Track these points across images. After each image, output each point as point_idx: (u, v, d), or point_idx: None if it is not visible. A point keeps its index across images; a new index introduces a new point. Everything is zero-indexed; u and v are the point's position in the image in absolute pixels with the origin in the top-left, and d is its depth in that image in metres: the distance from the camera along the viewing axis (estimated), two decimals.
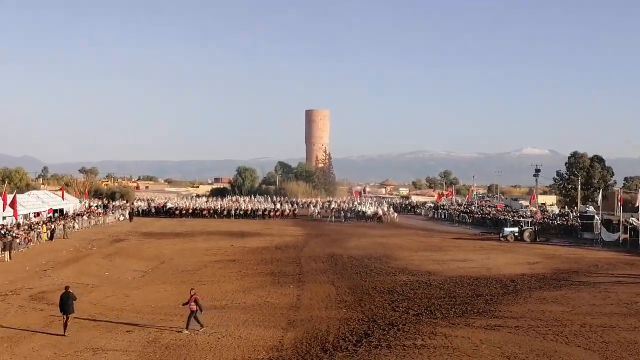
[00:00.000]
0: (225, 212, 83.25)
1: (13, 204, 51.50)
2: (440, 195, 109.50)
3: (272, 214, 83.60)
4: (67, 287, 21.75)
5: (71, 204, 75.39)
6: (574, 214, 75.46)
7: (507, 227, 59.03)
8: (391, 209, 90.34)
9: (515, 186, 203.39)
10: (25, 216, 57.88)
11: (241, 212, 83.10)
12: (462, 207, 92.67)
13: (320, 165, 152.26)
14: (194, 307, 21.19)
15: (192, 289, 22.54)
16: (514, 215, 73.66)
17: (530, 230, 56.09)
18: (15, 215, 52.36)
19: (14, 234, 43.91)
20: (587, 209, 75.81)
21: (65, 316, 20.67)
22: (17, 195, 55.96)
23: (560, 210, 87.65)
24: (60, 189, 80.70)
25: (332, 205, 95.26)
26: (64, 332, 20.41)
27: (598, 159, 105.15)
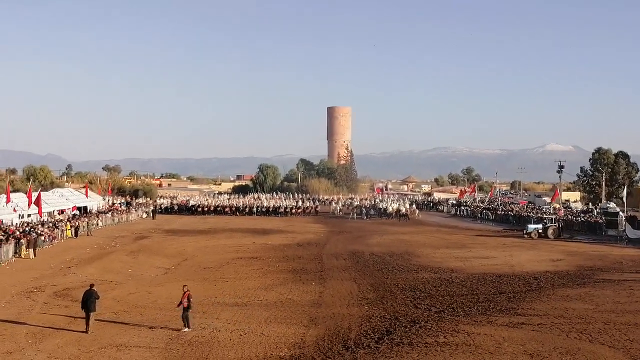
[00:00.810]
0: (247, 210, 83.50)
1: (38, 202, 52.07)
2: (462, 192, 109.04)
3: (294, 211, 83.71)
4: (91, 285, 21.92)
5: (95, 201, 76.04)
6: (597, 210, 74.88)
7: (530, 223, 58.64)
8: (414, 205, 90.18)
9: (538, 183, 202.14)
10: (50, 214, 58.44)
11: (263, 210, 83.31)
12: (484, 204, 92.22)
13: (342, 162, 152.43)
14: (187, 304, 21.04)
15: (184, 285, 22.47)
16: (537, 212, 73.19)
17: (554, 227, 55.69)
18: (39, 213, 52.93)
19: (39, 232, 44.34)
20: (608, 205, 75.02)
21: (87, 314, 20.79)
22: (42, 193, 56.59)
23: (584, 207, 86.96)
24: (84, 187, 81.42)
25: (354, 202, 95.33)
26: (87, 329, 20.56)
27: (623, 155, 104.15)
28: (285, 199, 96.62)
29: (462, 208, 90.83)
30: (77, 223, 53.55)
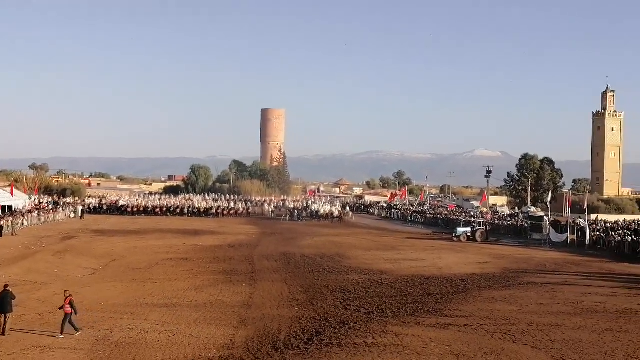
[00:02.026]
0: (178, 210, 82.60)
1: None
2: (393, 195, 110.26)
3: (226, 212, 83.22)
4: (5, 285, 21.23)
5: (20, 200, 73.96)
6: (520, 214, 76.92)
7: (459, 227, 59.73)
8: (347, 208, 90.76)
9: (467, 187, 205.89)
10: None
11: (195, 211, 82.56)
12: (414, 207, 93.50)
13: (275, 164, 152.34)
14: (69, 310, 20.41)
15: (66, 290, 21.74)
16: (466, 216, 74.63)
17: (482, 230, 56.87)
18: None
19: None
20: (529, 209, 77.16)
21: (4, 316, 20.17)
22: None
23: (510, 211, 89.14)
24: (9, 185, 79.15)
25: (287, 204, 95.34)
26: (3, 332, 19.92)
27: (548, 161, 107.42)
28: (217, 200, 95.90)
29: (393, 211, 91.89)
30: (1, 222, 52.01)
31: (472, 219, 68.22)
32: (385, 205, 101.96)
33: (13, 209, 66.94)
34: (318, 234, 59.77)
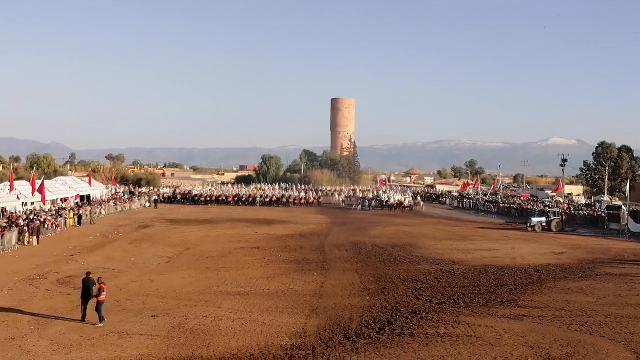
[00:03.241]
0: (250, 200, 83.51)
1: (41, 190, 52.23)
2: (465, 184, 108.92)
3: (296, 201, 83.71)
4: (87, 273, 21.92)
5: (98, 190, 76.13)
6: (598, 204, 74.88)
7: (533, 216, 58.59)
8: (418, 197, 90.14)
9: (541, 176, 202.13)
10: (53, 202, 58.50)
11: (266, 200, 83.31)
12: (487, 197, 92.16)
13: (345, 153, 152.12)
14: (103, 297, 20.66)
15: (99, 277, 21.85)
16: (540, 205, 73.14)
17: (557, 220, 55.66)
18: (43, 200, 53.03)
19: (42, 219, 44.43)
20: (601, 198, 74.99)
21: (84, 302, 20.77)
22: (45, 181, 56.59)
23: (586, 201, 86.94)
24: (87, 175, 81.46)
25: (357, 194, 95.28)
26: (84, 318, 20.50)
27: (626, 149, 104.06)
28: (287, 190, 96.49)
29: (465, 200, 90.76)
30: (80, 211, 53.64)
31: (547, 208, 66.78)
32: (456, 194, 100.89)
33: (91, 199, 68.94)
34: (388, 223, 59.55)
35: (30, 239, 39.06)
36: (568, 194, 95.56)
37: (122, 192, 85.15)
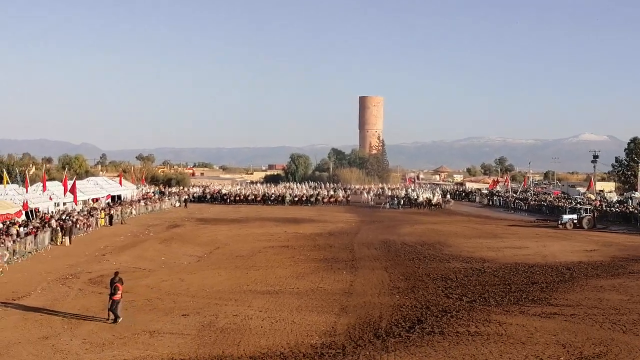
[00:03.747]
0: (279, 199, 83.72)
1: (73, 190, 52.82)
2: (495, 182, 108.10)
3: (325, 200, 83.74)
4: (116, 273, 22.05)
5: (129, 190, 76.77)
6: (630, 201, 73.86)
7: (565, 214, 58.02)
8: (448, 195, 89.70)
9: (572, 173, 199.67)
10: (85, 202, 59.14)
11: (295, 199, 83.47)
12: (517, 194, 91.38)
13: (374, 151, 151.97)
14: (119, 297, 20.61)
15: (116, 272, 21.84)
16: (572, 202, 72.37)
17: (589, 217, 55.03)
18: (75, 201, 53.61)
19: (74, 219, 44.96)
20: (633, 195, 73.86)
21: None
22: (77, 181, 57.20)
23: (619, 198, 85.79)
24: (118, 176, 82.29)
25: (386, 192, 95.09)
26: (116, 318, 20.63)
27: None
28: (316, 189, 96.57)
29: (495, 198, 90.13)
30: (111, 211, 54.18)
31: (579, 205, 66.05)
32: (486, 192, 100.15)
33: (122, 199, 69.59)
34: (418, 221, 59.34)
35: (63, 239, 39.55)
36: (600, 190, 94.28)
37: (153, 192, 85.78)
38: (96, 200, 62.56)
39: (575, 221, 54.02)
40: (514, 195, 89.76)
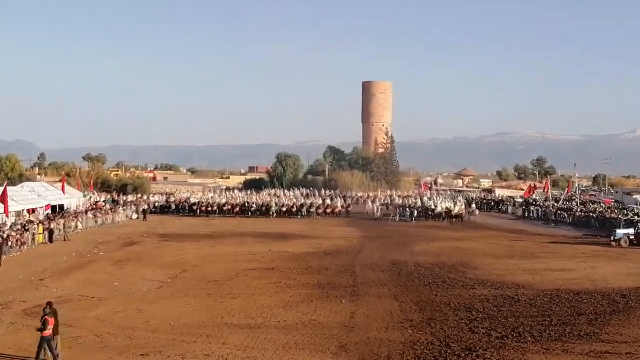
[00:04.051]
0: (262, 209, 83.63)
1: (3, 199, 52.55)
2: (531, 189, 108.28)
3: (320, 211, 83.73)
4: (49, 304, 21.77)
5: (73, 198, 76.67)
6: None
7: (619, 228, 58.12)
8: (473, 205, 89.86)
9: (628, 177, 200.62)
10: (18, 213, 58.96)
11: (282, 209, 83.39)
12: (559, 204, 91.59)
13: (381, 150, 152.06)
14: (49, 333, 20.33)
15: (48, 302, 21.66)
16: (627, 214, 72.53)
17: None
18: (5, 212, 53.34)
19: (4, 235, 44.82)
20: None
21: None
22: (8, 187, 56.98)
23: None
24: (60, 180, 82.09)
25: (395, 201, 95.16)
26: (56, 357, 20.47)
27: None
28: (309, 197, 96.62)
29: (531, 208, 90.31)
30: (51, 225, 54.02)
31: (636, 217, 66.19)
32: (521, 201, 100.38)
33: (65, 209, 69.43)
34: (435, 237, 59.46)
35: None
36: None
37: (104, 201, 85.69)
38: (32, 211, 62.35)
39: (632, 237, 54.11)
40: (555, 204, 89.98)
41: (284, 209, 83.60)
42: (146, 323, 25.99)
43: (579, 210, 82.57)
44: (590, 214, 77.78)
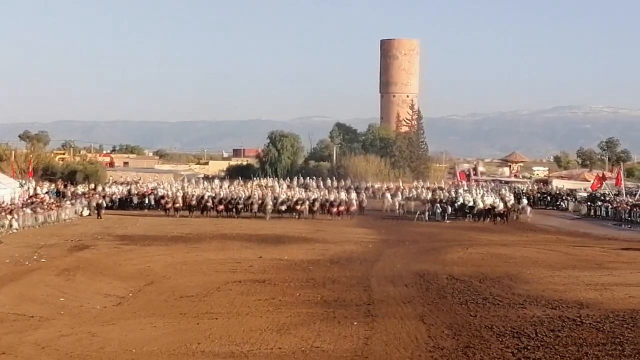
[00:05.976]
0: (250, 205, 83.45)
1: None
2: (600, 179, 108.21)
3: (325, 207, 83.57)
4: None
5: (7, 189, 76.64)
6: None
7: None
8: (524, 200, 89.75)
9: None
10: None
11: (277, 205, 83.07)
12: (635, 199, 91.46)
13: (404, 129, 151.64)
14: None
15: None
16: None
17: None
18: None
19: None
20: None
21: None
22: None
23: None
24: None
25: (423, 195, 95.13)
26: None
27: None
28: (311, 188, 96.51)
29: (600, 205, 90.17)
30: None
31: None
32: (586, 195, 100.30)
33: None
34: (474, 241, 59.50)
35: None
36: None
37: (46, 192, 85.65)
38: None
39: None
40: (631, 200, 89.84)
41: (283, 207, 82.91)
42: (100, 350, 26.04)
43: None
44: None
